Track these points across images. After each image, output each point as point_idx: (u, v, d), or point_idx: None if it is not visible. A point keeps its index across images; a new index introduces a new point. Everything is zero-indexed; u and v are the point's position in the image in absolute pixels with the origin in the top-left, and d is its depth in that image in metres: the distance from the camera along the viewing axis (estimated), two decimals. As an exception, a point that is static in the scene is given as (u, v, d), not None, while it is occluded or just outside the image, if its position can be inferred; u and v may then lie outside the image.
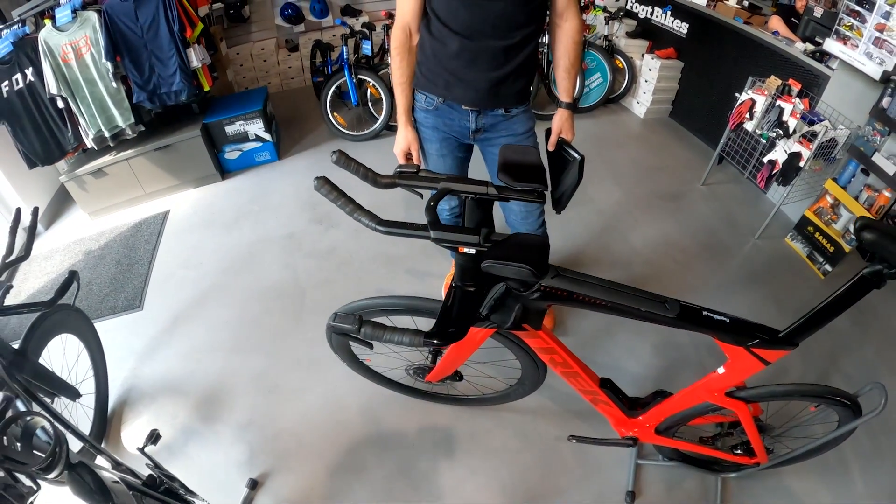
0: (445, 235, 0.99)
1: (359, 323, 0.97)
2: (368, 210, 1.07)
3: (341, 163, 1.18)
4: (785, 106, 2.99)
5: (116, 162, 3.76)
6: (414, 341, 0.97)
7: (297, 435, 2.26)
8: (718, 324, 1.20)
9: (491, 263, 0.91)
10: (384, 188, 1.21)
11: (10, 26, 3.28)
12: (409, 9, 1.72)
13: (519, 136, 1.91)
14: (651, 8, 4.58)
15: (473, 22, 1.66)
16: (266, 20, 5.49)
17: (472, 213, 1.14)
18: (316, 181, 1.08)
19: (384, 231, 1.04)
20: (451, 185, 1.12)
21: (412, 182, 1.18)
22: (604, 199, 3.51)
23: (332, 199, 1.08)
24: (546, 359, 1.49)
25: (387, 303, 1.51)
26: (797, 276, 2.94)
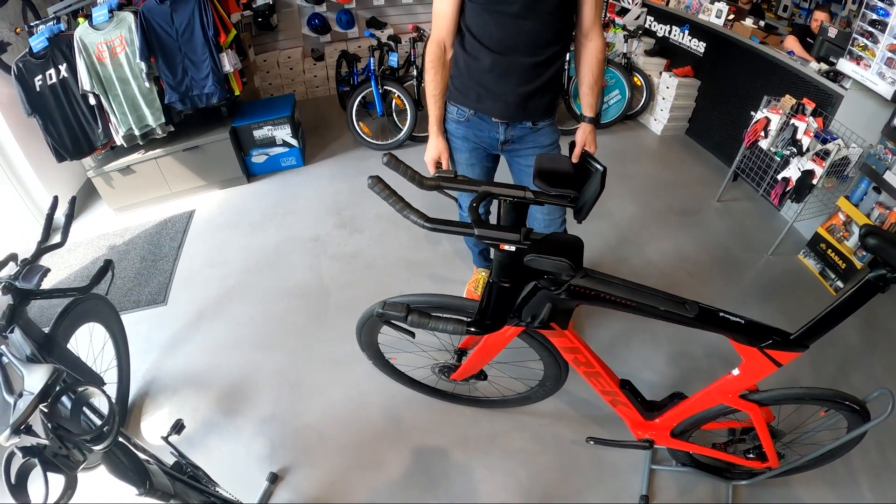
0: (489, 233, 1.06)
1: (406, 311, 1.05)
2: (418, 209, 1.15)
3: (391, 165, 1.27)
4: (799, 124, 3.06)
5: (145, 160, 3.85)
6: (457, 329, 1.04)
7: (318, 431, 2.30)
8: (734, 325, 1.27)
9: (533, 257, 0.99)
10: (428, 189, 1.29)
11: (46, 22, 3.38)
12: (445, 25, 1.82)
13: (545, 148, 2.01)
14: (669, 27, 4.67)
15: (505, 39, 1.77)
16: (293, 29, 5.61)
17: (507, 215, 1.23)
18: (370, 179, 1.16)
19: (431, 228, 1.11)
20: (492, 188, 1.20)
21: (455, 185, 1.26)
22: (621, 214, 3.58)
23: (384, 197, 1.15)
24: (570, 358, 1.56)
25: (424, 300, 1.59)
26: (809, 293, 2.99)
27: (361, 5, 5.53)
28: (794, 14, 5.80)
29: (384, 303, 1.07)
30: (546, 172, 1.25)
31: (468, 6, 1.77)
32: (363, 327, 1.83)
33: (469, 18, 1.80)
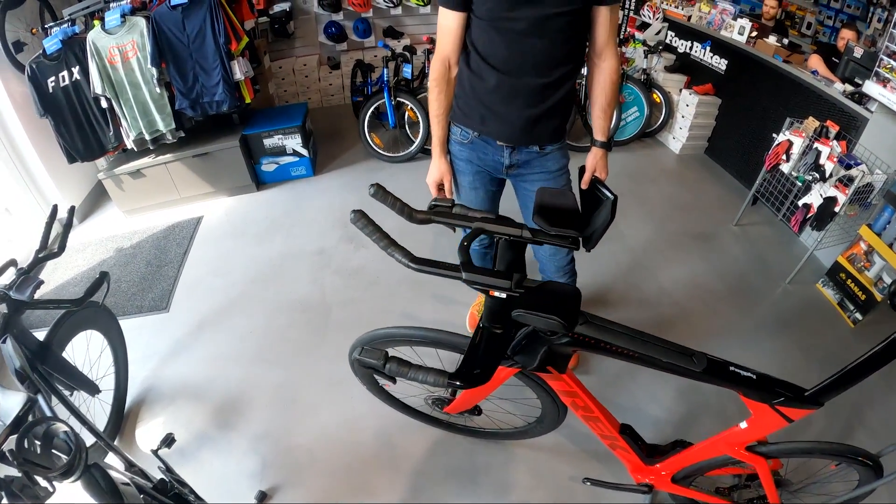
0: (477, 278, 0.99)
1: (384, 359, 0.98)
2: (402, 246, 1.09)
3: (379, 196, 1.20)
4: (822, 149, 2.95)
5: (155, 164, 3.86)
6: (438, 381, 0.97)
7: (310, 451, 2.26)
8: (744, 380, 1.19)
9: (521, 313, 0.91)
10: (419, 223, 1.22)
11: (60, 24, 3.40)
12: (450, 41, 1.73)
13: (552, 174, 1.91)
14: (690, 43, 4.56)
15: (512, 58, 1.67)
16: (310, 37, 5.61)
17: (504, 253, 1.15)
18: (353, 214, 1.10)
19: (416, 269, 1.05)
20: (486, 225, 1.13)
21: (447, 220, 1.19)
22: (635, 236, 3.48)
23: (367, 233, 1.09)
24: (567, 402, 1.48)
25: (412, 333, 1.52)
26: (826, 324, 2.87)
27: (378, 14, 5.52)
28: (818, 32, 5.66)
29: (362, 347, 1.00)
30: (547, 209, 1.16)
31: (474, 22, 1.67)
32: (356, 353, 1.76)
33: (475, 35, 1.70)
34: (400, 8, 5.43)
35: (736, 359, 2.46)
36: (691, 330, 2.74)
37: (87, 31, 3.32)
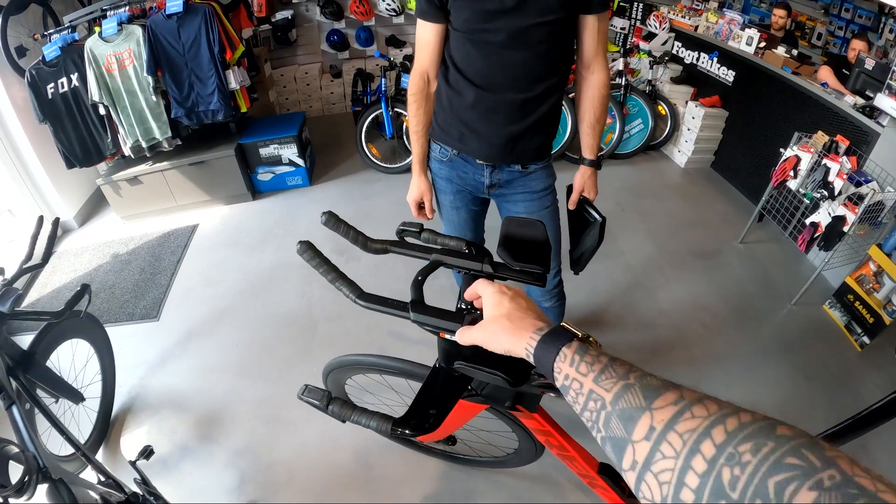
0: (426, 319, 0.91)
1: (327, 400, 0.91)
2: (351, 280, 1.02)
3: (331, 224, 1.14)
4: (831, 165, 2.85)
5: (152, 172, 3.86)
6: (381, 428, 0.90)
7: (289, 468, 2.24)
8: None
9: (463, 366, 0.83)
10: (374, 253, 1.15)
11: (60, 31, 3.39)
12: (428, 54, 1.65)
13: (536, 194, 1.82)
14: (697, 54, 4.47)
15: (490, 72, 1.58)
16: (312, 45, 5.59)
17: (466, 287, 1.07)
18: (299, 245, 1.03)
19: (363, 305, 0.98)
20: (444, 258, 1.06)
21: (403, 251, 1.12)
22: (634, 253, 3.38)
23: (314, 266, 1.02)
24: (541, 439, 1.40)
25: (383, 363, 1.45)
26: (833, 348, 2.75)
27: (381, 23, 5.49)
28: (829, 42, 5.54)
29: (305, 387, 0.93)
30: (513, 240, 1.07)
31: (451, 34, 1.59)
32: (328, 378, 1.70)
33: (453, 48, 1.62)
34: (402, 16, 5.39)
35: (736, 385, 2.42)
36: (690, 355, 2.65)
37: (87, 39, 3.31)
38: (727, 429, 0.42)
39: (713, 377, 2.52)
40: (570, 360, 0.59)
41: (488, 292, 0.78)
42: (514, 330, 0.69)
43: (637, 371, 0.55)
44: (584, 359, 0.58)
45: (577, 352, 0.59)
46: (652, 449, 0.46)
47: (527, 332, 0.67)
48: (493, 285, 0.79)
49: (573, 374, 0.58)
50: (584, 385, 0.56)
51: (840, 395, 2.45)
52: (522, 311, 0.72)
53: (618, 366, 0.56)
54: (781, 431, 0.40)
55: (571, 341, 0.61)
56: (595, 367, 0.56)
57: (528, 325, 0.68)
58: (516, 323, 0.70)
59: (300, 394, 0.94)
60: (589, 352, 0.59)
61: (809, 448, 0.38)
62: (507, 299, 0.75)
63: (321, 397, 0.92)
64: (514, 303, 0.74)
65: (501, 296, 0.76)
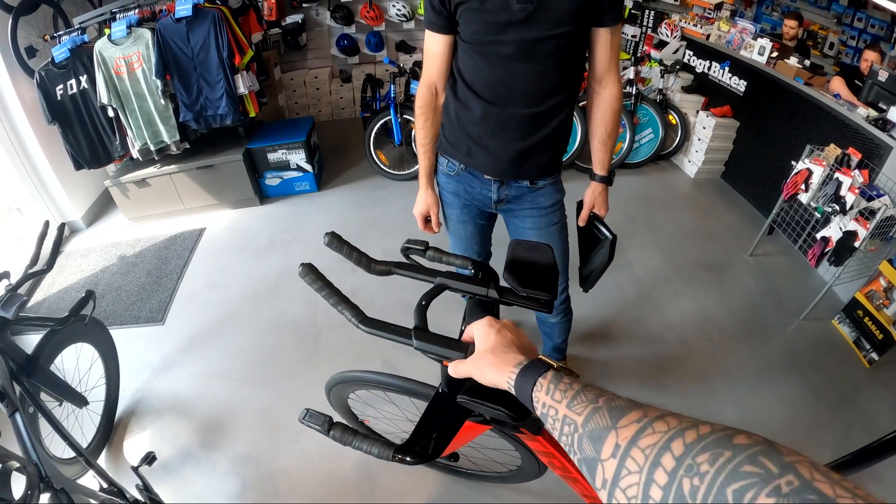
0: (429, 347, 0.89)
1: (328, 425, 0.90)
2: (354, 304, 1.00)
3: (333, 245, 1.12)
4: (843, 179, 2.81)
5: (159, 175, 3.86)
6: (383, 455, 0.88)
7: (290, 478, 2.23)
8: None
9: (466, 400, 0.81)
10: (378, 274, 1.14)
11: (70, 33, 3.41)
12: (436, 66, 1.63)
13: (545, 210, 1.80)
14: (709, 63, 4.43)
15: (499, 86, 1.55)
16: (322, 49, 5.60)
17: (472, 312, 1.05)
18: (301, 268, 1.02)
19: (366, 330, 0.97)
20: (449, 282, 1.04)
21: (408, 273, 1.10)
22: (643, 266, 3.34)
23: (316, 289, 1.01)
24: (545, 461, 1.38)
25: (386, 381, 1.43)
26: (841, 364, 2.72)
27: (391, 28, 5.48)
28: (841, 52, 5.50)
29: (306, 410, 0.92)
30: (519, 264, 1.05)
31: (460, 46, 1.57)
32: (330, 393, 1.69)
33: (461, 61, 1.59)
34: (412, 22, 5.39)
35: (743, 402, 2.39)
36: (697, 370, 2.62)
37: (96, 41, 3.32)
38: (686, 441, 0.44)
39: (720, 393, 2.49)
40: (546, 389, 0.63)
41: (478, 327, 0.82)
42: (498, 364, 0.73)
43: (606, 395, 0.58)
44: (557, 387, 0.62)
45: (551, 381, 0.64)
46: (618, 466, 0.48)
47: (508, 365, 0.71)
48: (482, 320, 0.83)
49: (549, 401, 0.62)
50: (559, 411, 0.60)
51: (847, 413, 2.42)
52: (506, 344, 0.76)
53: (588, 391, 0.59)
54: (739, 440, 0.42)
55: (546, 372, 0.66)
56: (568, 394, 0.60)
57: (509, 358, 0.73)
58: (499, 357, 0.74)
59: (301, 418, 0.92)
60: (562, 380, 0.63)
61: (766, 455, 0.40)
62: (493, 332, 0.79)
63: (322, 422, 0.90)
64: (499, 336, 0.78)
65: (489, 329, 0.80)
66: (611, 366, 2.63)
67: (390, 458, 0.88)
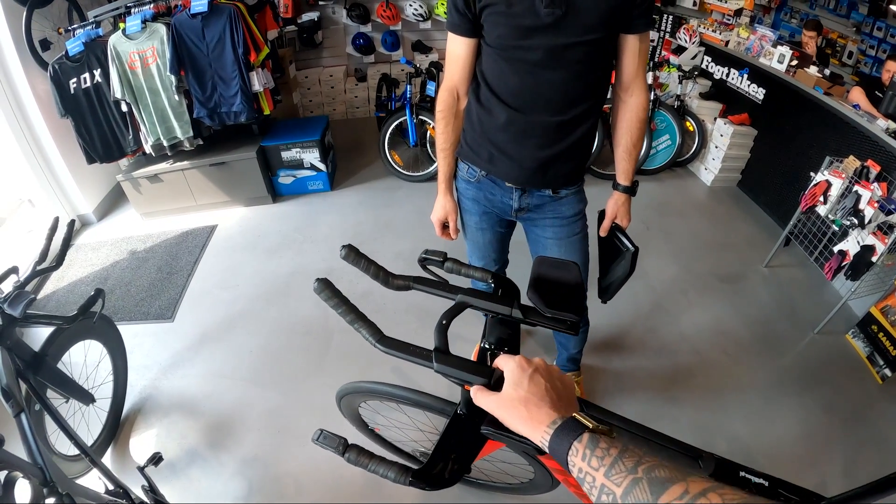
0: (451, 371, 0.86)
1: (343, 447, 0.87)
2: (372, 322, 0.98)
3: (350, 259, 1.09)
4: (862, 193, 2.76)
5: (172, 171, 3.86)
6: (399, 479, 0.86)
7: (297, 481, 2.21)
8: (756, 487, 1.04)
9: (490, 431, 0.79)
10: (396, 290, 1.11)
11: (84, 27, 3.40)
12: (458, 70, 1.59)
13: (566, 220, 1.77)
14: (727, 69, 4.37)
15: (524, 92, 1.51)
16: (337, 47, 5.58)
17: (493, 330, 1.02)
18: (316, 284, 0.98)
19: (383, 350, 0.94)
20: (470, 299, 1.01)
21: (428, 289, 1.07)
22: (658, 275, 3.30)
23: (332, 306, 0.98)
24: (559, 478, 1.35)
25: (400, 393, 1.40)
26: (853, 379, 2.67)
27: (408, 28, 5.46)
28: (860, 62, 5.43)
29: (320, 431, 0.89)
30: (544, 283, 1.02)
31: (484, 50, 1.53)
32: (341, 402, 1.66)
33: (485, 65, 1.55)
34: (429, 22, 5.36)
35: (755, 417, 2.35)
36: (710, 383, 2.58)
37: (111, 35, 3.31)
38: None
39: (733, 408, 2.45)
40: (582, 455, 0.61)
41: (509, 367, 0.78)
42: (530, 420, 0.71)
43: (645, 462, 0.56)
44: (594, 453, 0.60)
45: (587, 446, 0.61)
46: None
47: (542, 424, 0.69)
48: (513, 360, 0.79)
49: (585, 467, 0.60)
50: (597, 479, 0.58)
51: (858, 430, 2.38)
52: (539, 396, 0.73)
53: (626, 458, 0.58)
54: None
55: (582, 434, 0.63)
56: (605, 461, 0.59)
57: (543, 416, 0.70)
58: (532, 412, 0.71)
59: (315, 439, 0.90)
60: (599, 445, 0.61)
61: None
62: (526, 379, 0.75)
63: (337, 444, 0.88)
64: (532, 384, 0.75)
65: (520, 373, 0.76)
66: (624, 377, 2.59)
67: (407, 483, 0.86)
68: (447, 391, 2.33)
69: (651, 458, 0.57)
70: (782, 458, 2.23)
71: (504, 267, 2.13)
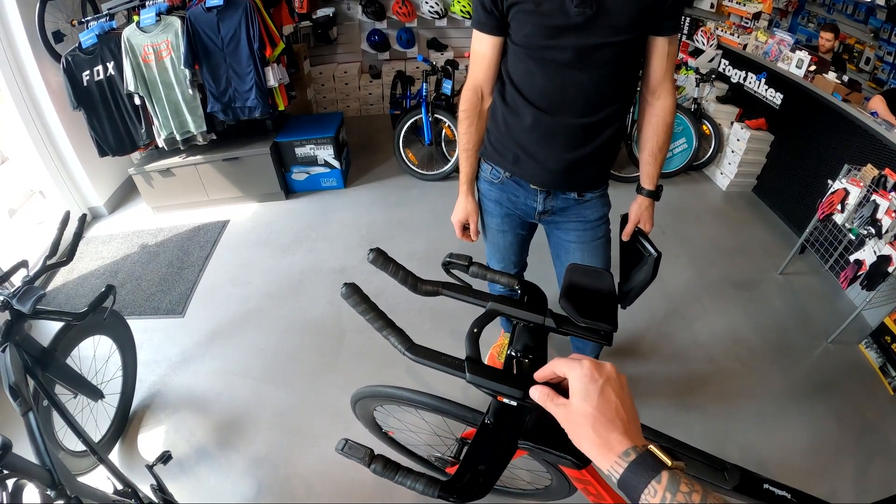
0: (484, 382, 0.84)
1: (369, 458, 0.85)
2: (401, 329, 0.95)
3: (378, 263, 1.06)
4: (881, 202, 2.73)
5: (185, 165, 3.85)
6: (427, 492, 0.83)
7: (307, 483, 2.20)
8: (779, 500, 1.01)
9: (529, 446, 0.77)
10: (425, 295, 1.08)
11: (98, 19, 3.39)
12: (483, 69, 1.56)
13: (590, 223, 1.74)
14: (745, 73, 4.33)
15: (552, 93, 1.48)
16: (352, 44, 5.55)
17: (520, 337, 0.99)
18: (344, 289, 0.95)
19: (413, 358, 0.91)
20: (502, 307, 0.99)
21: (457, 295, 1.05)
22: (674, 280, 3.27)
23: (360, 312, 0.95)
24: (579, 487, 1.34)
25: (418, 398, 1.38)
26: (866, 390, 2.64)
27: (423, 25, 5.43)
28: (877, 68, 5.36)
29: (346, 441, 0.86)
30: (577, 291, 0.99)
31: (510, 49, 1.50)
32: (356, 405, 1.64)
33: (511, 64, 1.52)
34: (445, 20, 5.32)
35: (767, 426, 2.33)
36: (724, 391, 2.56)
37: (125, 27, 3.30)
38: None
39: (746, 416, 2.43)
40: (662, 497, 0.57)
41: (576, 375, 0.69)
42: (600, 444, 0.64)
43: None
44: (675, 497, 0.56)
45: (667, 488, 0.57)
46: None
47: (612, 452, 0.62)
48: (579, 366, 0.69)
49: None
50: None
51: (870, 441, 2.36)
52: (610, 417, 0.65)
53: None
54: None
55: (660, 473, 0.58)
56: None
57: (614, 442, 0.63)
58: (601, 436, 0.64)
59: (339, 448, 0.87)
60: (680, 488, 0.56)
61: None
62: (595, 391, 0.66)
63: (363, 455, 0.85)
64: (602, 400, 0.66)
65: (590, 383, 0.67)
66: (639, 382, 2.57)
67: (435, 496, 0.84)
68: (462, 394, 2.34)
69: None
70: (794, 467, 2.21)
71: (523, 270, 2.11)
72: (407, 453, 2.02)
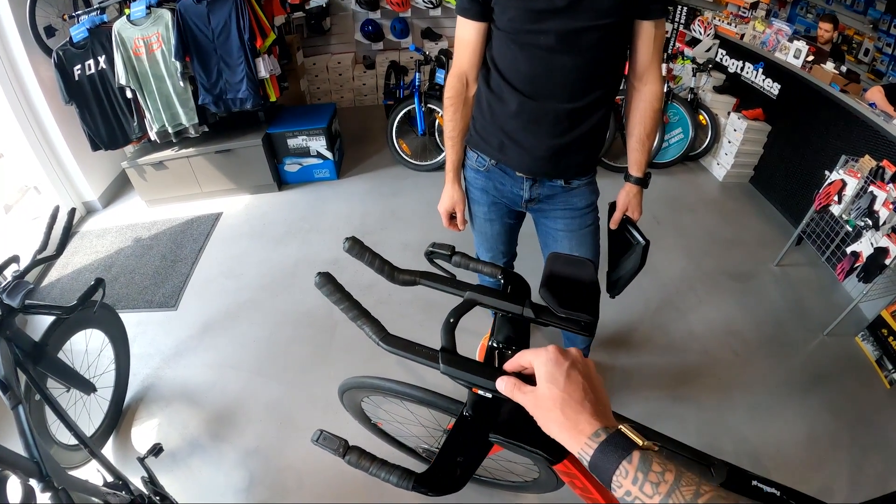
0: (458, 374, 0.82)
1: (343, 449, 0.84)
2: (375, 319, 0.94)
3: (354, 252, 1.05)
4: (878, 193, 2.70)
5: (177, 158, 3.83)
6: (401, 484, 0.83)
7: (299, 474, 2.19)
8: (767, 497, 1.00)
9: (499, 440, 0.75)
10: (402, 284, 1.07)
11: (89, 13, 3.36)
12: (468, 55, 1.54)
13: (578, 211, 1.72)
14: (742, 63, 4.30)
15: (537, 78, 1.46)
16: (346, 34, 5.52)
17: (501, 328, 0.98)
18: (318, 278, 0.95)
19: (387, 349, 0.90)
20: (479, 297, 0.97)
21: (435, 284, 1.04)
22: (668, 271, 3.25)
23: (334, 301, 0.94)
24: (565, 480, 1.32)
25: (404, 390, 1.37)
26: (862, 382, 2.63)
27: (417, 15, 5.39)
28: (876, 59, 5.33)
29: (320, 432, 0.86)
30: (558, 281, 0.97)
31: (495, 34, 1.47)
32: (343, 396, 1.63)
33: (495, 50, 1.50)
34: (439, 9, 5.29)
35: (761, 419, 2.32)
36: (718, 383, 2.54)
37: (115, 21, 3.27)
38: None
39: (740, 408, 2.42)
40: (633, 478, 0.55)
41: (541, 360, 0.68)
42: (569, 427, 0.63)
43: (706, 492, 0.52)
44: (647, 477, 0.54)
45: (639, 468, 0.55)
46: None
47: (582, 434, 0.61)
48: (544, 351, 0.69)
49: (636, 492, 0.55)
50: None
51: (865, 434, 2.35)
52: (578, 399, 0.64)
53: (685, 487, 0.53)
54: None
55: (631, 453, 0.56)
56: (661, 489, 0.53)
57: (583, 423, 0.62)
58: (570, 417, 0.63)
59: (314, 440, 0.86)
60: (652, 468, 0.55)
61: None
62: (562, 376, 0.66)
63: (337, 446, 0.84)
64: (569, 383, 0.65)
65: (555, 368, 0.66)
66: (632, 374, 2.56)
67: (410, 488, 0.83)
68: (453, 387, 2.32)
69: (707, 485, 0.52)
70: (788, 461, 2.20)
71: (512, 260, 2.09)
72: (396, 444, 2.02)
